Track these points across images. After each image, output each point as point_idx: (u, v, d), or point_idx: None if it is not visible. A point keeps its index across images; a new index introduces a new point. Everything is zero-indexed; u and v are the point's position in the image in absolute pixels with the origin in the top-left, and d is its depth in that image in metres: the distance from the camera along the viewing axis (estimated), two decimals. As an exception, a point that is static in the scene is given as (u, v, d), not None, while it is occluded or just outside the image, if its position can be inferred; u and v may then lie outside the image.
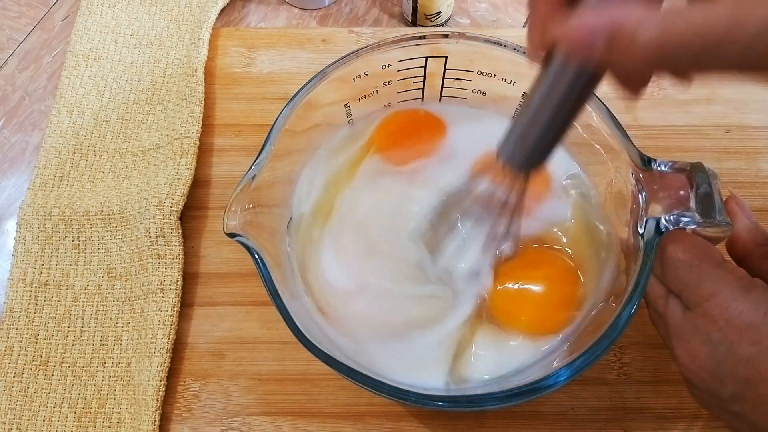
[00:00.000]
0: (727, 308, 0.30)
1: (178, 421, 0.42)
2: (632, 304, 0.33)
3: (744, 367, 0.29)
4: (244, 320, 0.45)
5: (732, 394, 0.30)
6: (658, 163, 0.35)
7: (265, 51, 0.55)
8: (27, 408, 0.42)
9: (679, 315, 0.32)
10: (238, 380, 0.43)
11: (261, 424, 0.42)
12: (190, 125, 0.49)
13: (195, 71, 0.52)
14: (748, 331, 0.29)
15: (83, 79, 0.53)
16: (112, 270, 0.46)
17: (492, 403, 0.32)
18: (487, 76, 0.43)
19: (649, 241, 0.33)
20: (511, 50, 0.41)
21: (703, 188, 0.33)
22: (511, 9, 0.60)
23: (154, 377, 0.42)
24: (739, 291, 0.30)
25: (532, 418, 0.42)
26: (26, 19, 0.60)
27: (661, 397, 0.42)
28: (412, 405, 0.33)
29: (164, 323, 0.43)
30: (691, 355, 0.31)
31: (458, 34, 0.42)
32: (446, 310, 0.39)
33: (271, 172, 0.38)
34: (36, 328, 0.45)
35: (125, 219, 0.46)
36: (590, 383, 0.42)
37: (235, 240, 0.35)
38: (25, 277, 0.46)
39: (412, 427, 0.42)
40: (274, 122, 0.39)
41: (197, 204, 0.49)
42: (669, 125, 0.51)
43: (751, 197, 0.48)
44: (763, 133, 0.51)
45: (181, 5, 0.57)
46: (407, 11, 0.57)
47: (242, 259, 0.46)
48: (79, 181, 0.49)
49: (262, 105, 0.53)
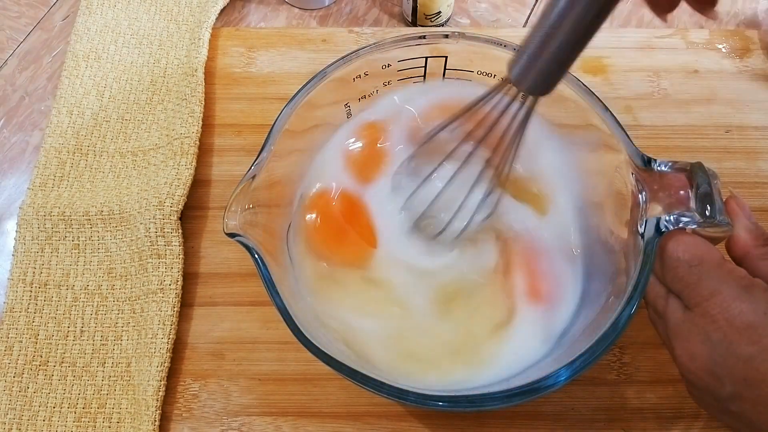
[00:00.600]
0: (727, 308, 0.30)
1: (178, 421, 0.42)
2: (632, 304, 0.33)
3: (743, 366, 0.29)
4: (244, 320, 0.45)
5: (731, 394, 0.30)
6: (658, 163, 0.35)
7: (265, 51, 0.55)
8: (27, 408, 0.42)
9: (678, 315, 0.32)
10: (238, 380, 0.43)
11: (261, 424, 0.42)
12: (190, 125, 0.49)
13: (195, 71, 0.52)
14: (748, 330, 0.29)
15: (83, 79, 0.53)
16: (112, 270, 0.46)
17: (492, 403, 0.32)
18: (487, 76, 0.43)
19: (649, 241, 0.33)
20: (511, 50, 0.41)
21: (703, 188, 0.33)
22: (511, 9, 0.60)
23: (154, 377, 0.42)
24: (739, 291, 0.30)
25: (532, 418, 0.42)
26: (26, 19, 0.60)
27: (661, 397, 0.42)
28: (412, 405, 0.33)
29: (164, 323, 0.43)
30: (691, 354, 0.31)
31: (458, 34, 0.42)
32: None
33: (271, 172, 0.38)
34: (36, 328, 0.45)
35: (125, 219, 0.46)
36: (590, 383, 0.42)
37: (235, 240, 0.35)
38: (25, 277, 0.46)
39: (412, 427, 0.42)
40: (274, 122, 0.39)
41: (197, 204, 0.49)
42: (669, 125, 0.51)
43: (751, 197, 0.48)
44: (763, 133, 0.51)
45: (181, 5, 0.57)
46: (407, 11, 0.57)
47: (242, 259, 0.46)
48: (79, 181, 0.49)
49: (262, 105, 0.53)
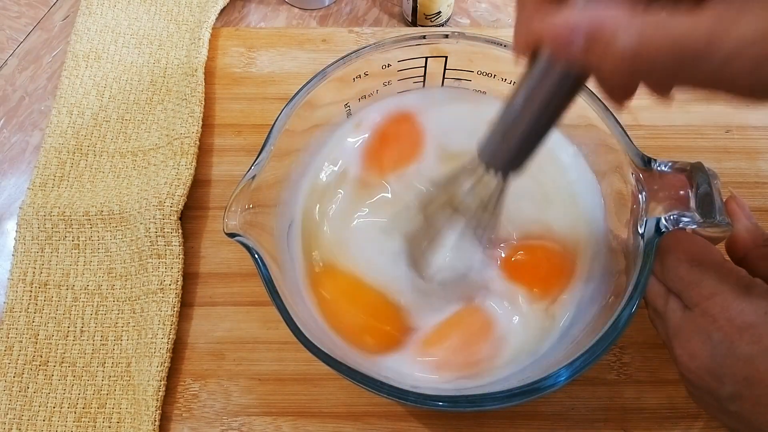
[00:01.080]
0: (727, 307, 0.30)
1: (178, 421, 0.42)
2: (632, 304, 0.33)
3: (743, 366, 0.29)
4: (244, 320, 0.45)
5: (731, 394, 0.30)
6: (658, 163, 0.35)
7: (265, 51, 0.55)
8: (27, 408, 0.42)
9: (678, 314, 0.32)
10: (238, 380, 0.43)
11: (261, 424, 0.42)
12: (190, 125, 0.49)
13: (195, 71, 0.52)
14: (749, 330, 0.29)
15: (83, 79, 0.53)
16: (112, 270, 0.46)
17: (492, 403, 0.32)
18: (487, 76, 0.43)
19: (649, 241, 0.33)
20: (511, 50, 0.41)
21: (703, 188, 0.33)
22: (511, 9, 0.60)
23: (154, 377, 0.42)
24: (740, 290, 0.30)
25: (532, 418, 0.42)
26: (26, 19, 0.60)
27: (661, 397, 0.42)
28: (412, 405, 0.33)
29: (164, 323, 0.43)
30: (691, 354, 0.31)
31: (458, 34, 0.42)
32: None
33: (271, 172, 0.38)
34: (36, 328, 0.45)
35: (125, 219, 0.46)
36: (590, 383, 0.42)
37: (235, 240, 0.35)
38: (25, 277, 0.46)
39: (412, 427, 0.42)
40: (274, 122, 0.39)
41: (197, 204, 0.49)
42: (669, 125, 0.51)
43: (751, 197, 0.48)
44: (763, 133, 0.51)
45: (181, 5, 0.57)
46: (407, 11, 0.57)
47: (242, 259, 0.46)
48: (79, 181, 0.49)
49: (262, 105, 0.53)
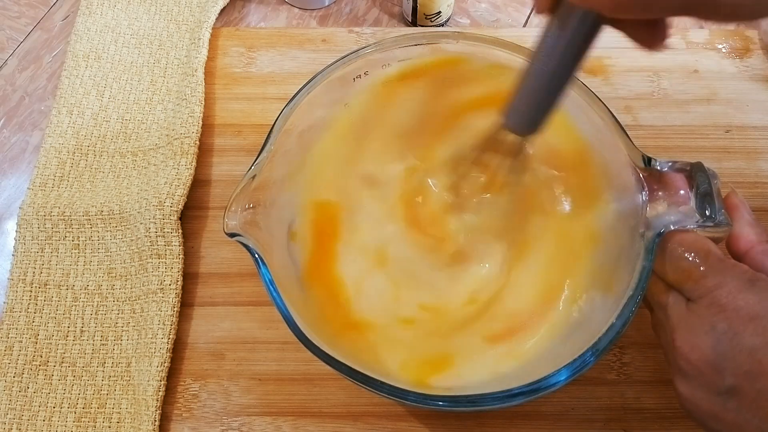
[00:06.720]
0: (734, 298, 0.30)
1: (178, 421, 0.42)
2: (632, 304, 0.33)
3: (746, 357, 0.29)
4: (244, 320, 0.45)
5: (730, 388, 0.30)
6: (658, 162, 0.35)
7: (265, 51, 0.55)
8: (27, 408, 0.42)
9: (682, 306, 0.32)
10: (238, 380, 0.43)
11: (261, 424, 0.42)
12: (190, 125, 0.49)
13: (195, 71, 0.52)
14: (754, 321, 0.29)
15: (83, 79, 0.53)
16: (112, 270, 0.46)
17: (492, 403, 0.32)
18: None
19: (649, 240, 0.33)
20: (511, 51, 0.41)
21: (703, 188, 0.33)
22: (511, 9, 0.60)
23: (154, 377, 0.42)
24: (745, 283, 0.30)
25: (532, 418, 0.42)
26: (26, 19, 0.60)
27: (661, 397, 0.42)
28: (412, 405, 0.33)
29: (164, 323, 0.43)
30: (692, 345, 0.31)
31: (458, 34, 0.42)
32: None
33: (271, 172, 0.38)
34: (36, 328, 0.45)
35: (125, 219, 0.46)
36: (590, 383, 0.42)
37: (235, 240, 0.35)
38: (25, 277, 0.46)
39: (412, 427, 0.42)
40: (274, 122, 0.39)
41: (197, 204, 0.49)
42: (669, 125, 0.51)
43: (751, 197, 0.48)
44: (763, 133, 0.51)
45: (181, 5, 0.57)
46: (407, 11, 0.57)
47: (242, 259, 0.46)
48: (79, 181, 0.49)
49: (262, 105, 0.53)
